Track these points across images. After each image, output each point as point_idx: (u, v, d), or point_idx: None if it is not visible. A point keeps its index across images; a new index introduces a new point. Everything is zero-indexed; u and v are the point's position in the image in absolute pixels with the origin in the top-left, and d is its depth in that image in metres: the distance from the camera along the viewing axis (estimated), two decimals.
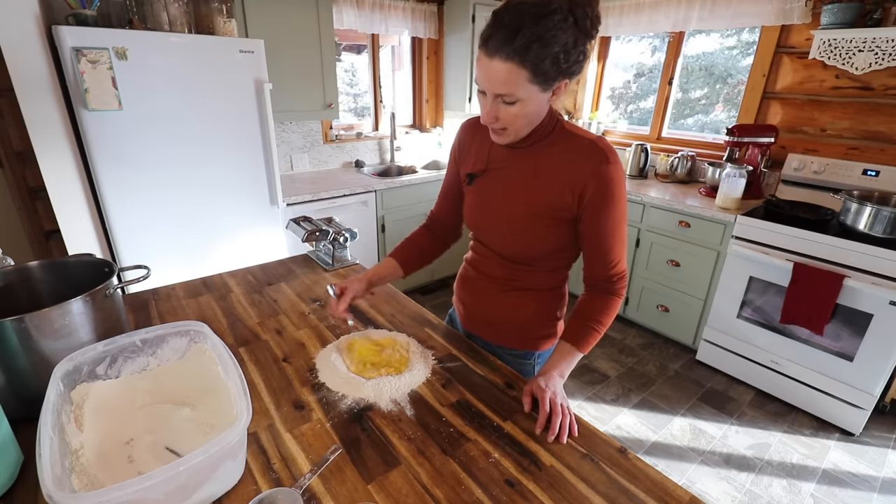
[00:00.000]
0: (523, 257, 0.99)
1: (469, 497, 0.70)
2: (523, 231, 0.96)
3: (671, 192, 2.69)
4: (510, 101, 0.81)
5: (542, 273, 1.01)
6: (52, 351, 0.78)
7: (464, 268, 1.16)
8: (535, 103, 0.83)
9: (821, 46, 2.25)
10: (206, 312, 1.21)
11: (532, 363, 1.11)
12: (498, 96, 0.81)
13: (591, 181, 0.87)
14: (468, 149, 1.05)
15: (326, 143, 3.18)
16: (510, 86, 0.79)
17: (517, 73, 0.77)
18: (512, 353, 1.10)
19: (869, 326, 1.95)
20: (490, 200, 0.99)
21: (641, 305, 2.86)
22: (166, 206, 1.99)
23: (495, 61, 0.77)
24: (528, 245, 0.97)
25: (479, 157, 1.01)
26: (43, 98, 1.66)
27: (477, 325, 1.14)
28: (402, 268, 1.14)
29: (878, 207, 1.95)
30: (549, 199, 0.91)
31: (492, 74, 0.79)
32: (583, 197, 0.89)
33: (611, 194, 0.88)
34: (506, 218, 0.97)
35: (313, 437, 0.80)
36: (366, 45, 3.30)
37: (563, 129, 0.92)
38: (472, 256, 1.12)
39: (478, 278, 1.09)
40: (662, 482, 0.74)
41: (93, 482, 0.64)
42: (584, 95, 3.54)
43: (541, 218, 0.93)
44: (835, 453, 2.02)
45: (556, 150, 0.91)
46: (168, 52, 1.82)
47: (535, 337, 1.09)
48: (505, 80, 0.78)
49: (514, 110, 0.82)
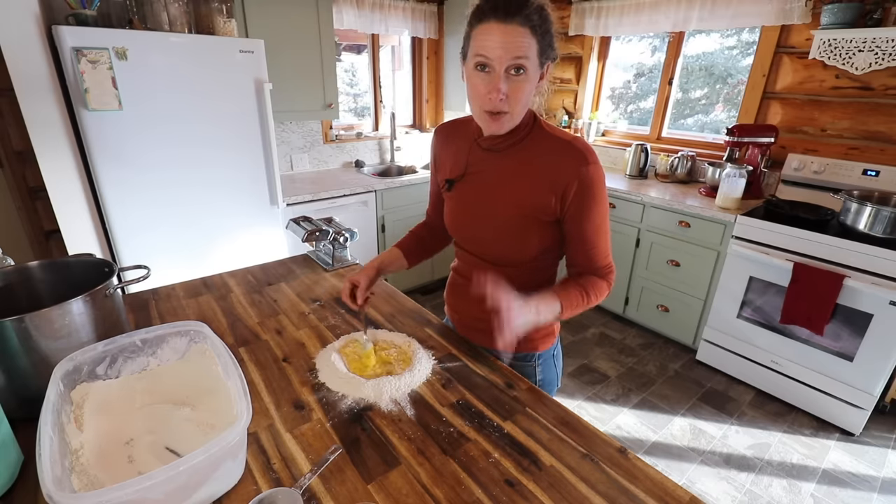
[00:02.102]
0: (508, 260, 0.98)
1: (469, 497, 0.70)
2: (506, 234, 0.95)
3: (671, 192, 2.69)
4: (521, 69, 0.79)
5: (529, 273, 1.00)
6: (52, 351, 0.78)
7: (451, 277, 1.15)
8: (532, 82, 0.82)
9: (821, 46, 2.24)
10: (206, 312, 1.21)
11: (533, 364, 1.09)
12: (509, 68, 0.79)
13: (572, 183, 0.87)
14: (444, 154, 1.04)
15: (326, 143, 3.18)
16: (525, 49, 0.77)
17: (530, 41, 0.77)
18: (513, 356, 1.08)
19: (869, 326, 1.95)
20: (470, 205, 0.99)
21: (641, 305, 2.86)
22: (166, 205, 1.99)
23: (513, 25, 0.76)
24: (512, 248, 0.96)
25: (457, 162, 1.00)
26: (43, 98, 1.66)
27: (472, 332, 1.12)
28: (405, 258, 1.15)
29: (878, 207, 1.95)
30: (531, 201, 0.91)
31: (511, 38, 0.76)
32: (565, 199, 0.88)
33: (592, 195, 0.88)
34: (488, 222, 0.96)
35: (313, 437, 0.80)
36: (366, 45, 3.30)
37: (540, 128, 0.92)
38: (458, 264, 1.11)
39: (466, 285, 1.07)
40: (662, 482, 0.74)
41: (93, 482, 0.64)
42: (584, 95, 3.54)
43: (523, 220, 0.93)
44: (835, 453, 2.02)
45: (536, 152, 0.90)
46: (168, 52, 1.82)
47: (531, 337, 1.06)
48: (521, 43, 0.77)
49: (521, 81, 0.80)
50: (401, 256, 1.14)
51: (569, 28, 3.37)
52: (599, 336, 2.89)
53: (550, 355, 1.11)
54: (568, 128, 3.61)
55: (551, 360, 1.12)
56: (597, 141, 3.54)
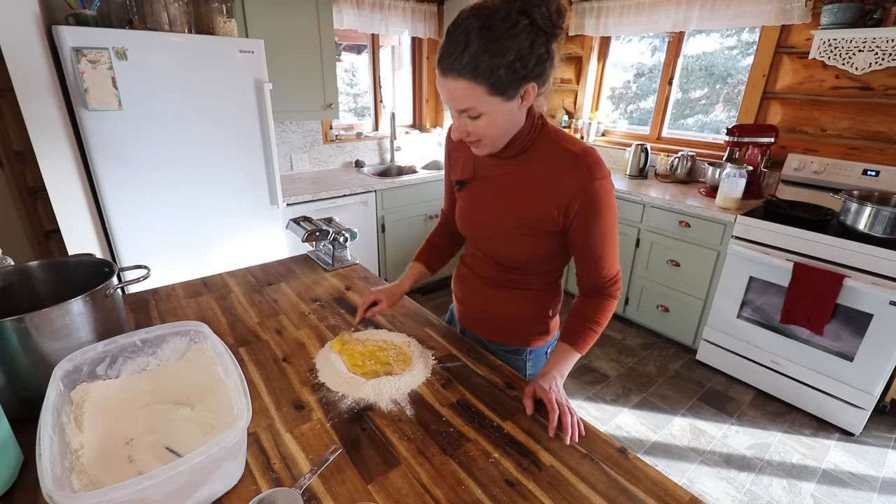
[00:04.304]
0: (513, 263, 1.00)
1: (469, 497, 0.70)
2: (511, 241, 0.97)
3: (671, 192, 2.69)
4: (474, 115, 0.80)
5: (533, 275, 1.02)
6: (52, 351, 0.78)
7: (459, 265, 1.18)
8: (503, 114, 0.81)
9: (821, 46, 2.24)
10: (206, 312, 1.21)
11: (524, 359, 1.12)
12: (462, 112, 0.81)
13: (576, 198, 0.85)
14: (456, 155, 1.06)
15: (326, 143, 3.18)
16: (469, 101, 0.78)
17: (473, 89, 0.76)
18: (504, 348, 1.12)
19: (869, 326, 1.95)
20: (478, 209, 1.01)
21: (641, 305, 2.86)
22: (166, 205, 1.99)
23: (449, 80, 0.77)
24: (517, 253, 0.98)
25: (467, 165, 1.02)
26: (43, 98, 1.66)
27: (471, 321, 1.16)
28: (429, 270, 1.21)
29: (878, 207, 1.94)
30: (534, 212, 0.91)
31: (449, 93, 0.79)
32: (569, 213, 0.88)
33: (598, 209, 0.86)
34: (493, 228, 0.98)
35: (313, 437, 0.80)
36: (366, 45, 3.30)
37: (547, 135, 0.89)
38: (466, 255, 1.15)
39: (472, 276, 1.11)
40: (662, 482, 0.74)
41: (93, 482, 0.64)
42: (584, 95, 3.54)
43: (527, 230, 0.93)
44: (835, 453, 2.02)
45: (542, 162, 0.89)
46: (168, 52, 1.82)
47: (527, 334, 1.10)
48: (462, 96, 0.78)
49: (481, 123, 0.81)
50: (425, 271, 1.20)
51: (569, 28, 3.38)
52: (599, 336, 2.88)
53: (543, 352, 1.14)
54: (568, 128, 3.61)
55: (543, 357, 1.14)
56: (597, 141, 3.54)
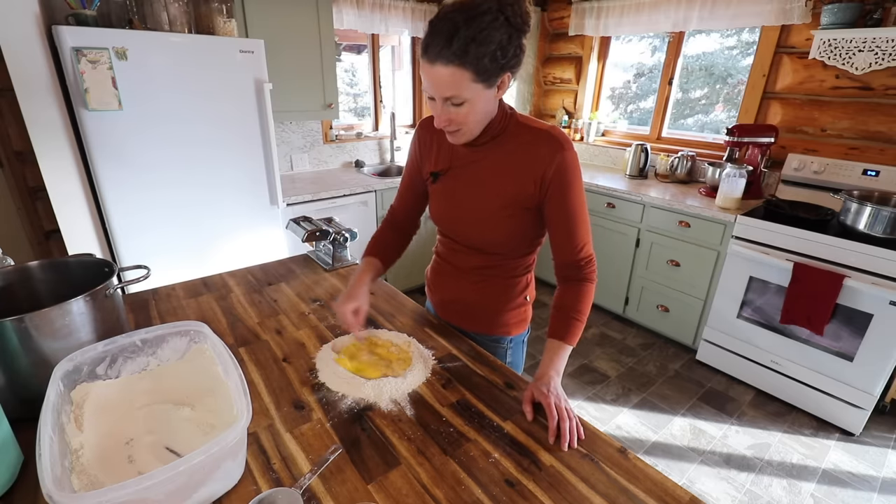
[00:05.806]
0: (493, 247, 1.05)
1: (469, 497, 0.70)
2: (493, 224, 1.01)
3: (671, 192, 2.69)
4: (458, 102, 0.85)
5: (510, 259, 1.07)
6: (52, 351, 0.78)
7: (435, 261, 1.20)
8: (483, 101, 0.87)
9: (821, 46, 2.24)
10: (206, 312, 1.21)
11: (505, 347, 1.17)
12: (447, 100, 0.85)
13: (549, 168, 0.92)
14: (429, 147, 1.08)
15: (326, 143, 3.18)
16: (455, 87, 0.83)
17: (460, 75, 0.81)
18: (486, 338, 1.15)
19: (869, 326, 1.95)
20: (457, 198, 1.04)
21: (641, 305, 2.86)
22: (166, 205, 1.99)
23: (437, 67, 0.81)
24: (495, 236, 1.02)
25: (442, 156, 1.04)
26: (43, 98, 1.66)
27: (451, 314, 1.19)
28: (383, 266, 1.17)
29: (878, 207, 1.95)
30: (514, 190, 0.96)
31: (436, 79, 0.83)
32: (543, 183, 0.94)
33: (568, 180, 0.93)
34: (476, 214, 1.02)
35: (313, 437, 0.80)
36: (366, 45, 3.30)
37: (517, 122, 0.96)
38: (441, 249, 1.16)
39: (449, 270, 1.14)
40: (662, 482, 0.74)
41: (93, 482, 0.64)
42: (584, 95, 3.54)
43: (508, 209, 0.98)
44: (835, 453, 2.02)
45: (515, 144, 0.95)
46: (168, 52, 1.82)
47: (506, 322, 1.14)
48: (450, 82, 0.82)
49: (464, 110, 0.86)
50: (380, 267, 1.15)
51: (569, 28, 3.37)
52: (599, 336, 2.89)
53: (521, 340, 1.19)
54: (567, 128, 3.61)
55: (521, 345, 1.21)
56: (597, 141, 3.54)
